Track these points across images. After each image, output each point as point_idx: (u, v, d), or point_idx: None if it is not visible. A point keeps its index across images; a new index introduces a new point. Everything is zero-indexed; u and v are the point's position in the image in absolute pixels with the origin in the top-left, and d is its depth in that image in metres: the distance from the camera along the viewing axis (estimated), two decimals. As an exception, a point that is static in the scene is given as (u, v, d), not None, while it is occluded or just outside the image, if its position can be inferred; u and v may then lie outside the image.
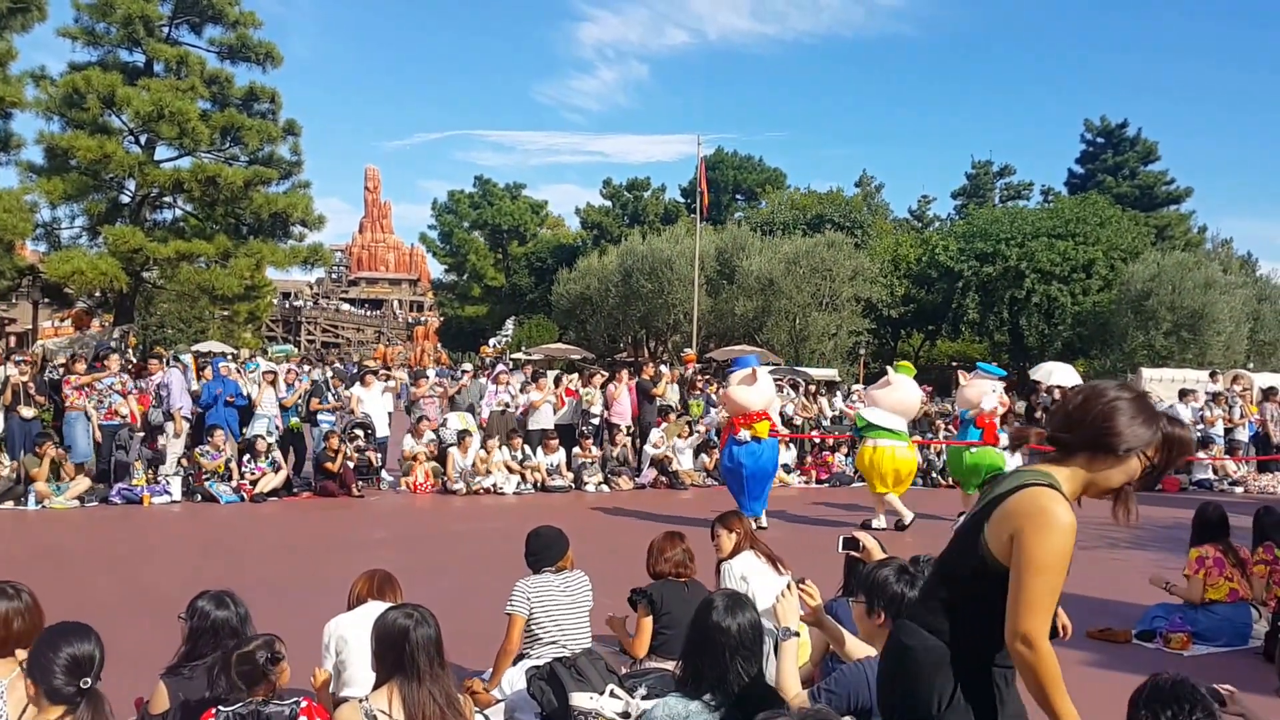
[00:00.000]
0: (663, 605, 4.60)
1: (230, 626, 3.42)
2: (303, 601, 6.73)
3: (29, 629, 3.09)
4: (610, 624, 4.88)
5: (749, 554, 5.00)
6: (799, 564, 5.22)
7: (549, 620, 4.55)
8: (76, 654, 2.76)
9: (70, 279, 22.95)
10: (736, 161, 56.32)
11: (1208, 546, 6.38)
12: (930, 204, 59.26)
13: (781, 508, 12.46)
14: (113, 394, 12.41)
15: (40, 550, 8.77)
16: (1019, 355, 40.25)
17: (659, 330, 39.83)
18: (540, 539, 4.80)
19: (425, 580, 7.23)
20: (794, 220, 42.61)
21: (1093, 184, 50.03)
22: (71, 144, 22.99)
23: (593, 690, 3.91)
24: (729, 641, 3.16)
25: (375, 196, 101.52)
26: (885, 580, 3.42)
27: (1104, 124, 52.48)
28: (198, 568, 8.00)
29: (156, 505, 11.50)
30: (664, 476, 14.56)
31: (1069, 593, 6.41)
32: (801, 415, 17.38)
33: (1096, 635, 6.35)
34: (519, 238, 59.11)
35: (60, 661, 2.74)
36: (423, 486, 13.30)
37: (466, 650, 5.01)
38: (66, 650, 2.76)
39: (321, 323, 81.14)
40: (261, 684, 3.06)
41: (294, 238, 27.54)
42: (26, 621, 3.12)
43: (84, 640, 2.81)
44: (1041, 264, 36.68)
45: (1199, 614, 6.25)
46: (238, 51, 26.67)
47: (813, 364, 32.41)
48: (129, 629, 5.57)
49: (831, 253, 35.31)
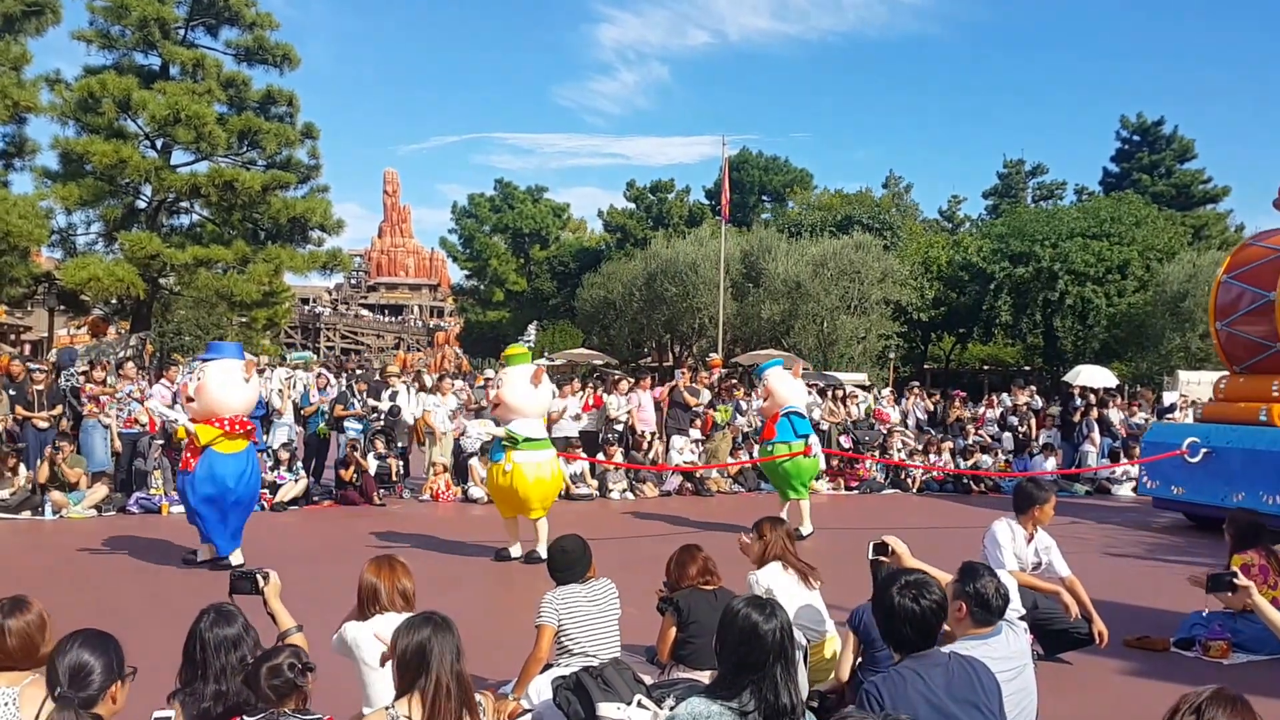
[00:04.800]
0: (690, 614, 4.56)
1: (213, 648, 3.33)
2: (321, 611, 6.42)
3: (27, 648, 3.09)
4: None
5: (777, 566, 5.00)
6: (827, 572, 5.26)
7: (577, 630, 4.48)
8: (72, 664, 2.83)
9: (86, 286, 22.56)
10: (762, 162, 55.47)
11: (1251, 553, 6.23)
12: (961, 204, 58.36)
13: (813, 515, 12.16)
14: (131, 402, 12.36)
15: (56, 560, 8.71)
16: (1053, 358, 39.38)
17: (684, 335, 39.19)
18: (566, 555, 4.70)
19: (445, 589, 7.24)
20: (821, 222, 41.79)
21: (1128, 183, 49.11)
22: (87, 149, 22.61)
23: (620, 700, 3.87)
24: (767, 642, 3.10)
25: (395, 200, 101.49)
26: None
27: (1140, 121, 51.43)
28: (213, 576, 7.79)
29: (175, 514, 11.27)
30: (690, 483, 14.32)
31: (1105, 600, 5.91)
32: (829, 420, 16.88)
33: (1134, 644, 6.27)
34: (541, 241, 58.56)
35: (60, 671, 2.83)
36: (444, 495, 13.18)
37: (487, 660, 4.90)
38: (64, 660, 2.85)
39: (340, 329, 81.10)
40: (293, 695, 3.11)
41: (312, 242, 27.19)
42: (25, 639, 3.10)
43: (84, 651, 2.87)
44: (1076, 265, 35.83)
45: (1240, 622, 6.05)
46: (254, 54, 26.26)
47: (841, 368, 31.60)
48: (145, 639, 5.18)
49: (860, 254, 34.50)
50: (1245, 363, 11.90)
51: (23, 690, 3.00)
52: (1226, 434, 11.31)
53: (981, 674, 3.27)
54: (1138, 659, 6.06)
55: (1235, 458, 10.97)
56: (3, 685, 3.02)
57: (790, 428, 10.49)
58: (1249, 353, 11.79)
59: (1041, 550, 5.77)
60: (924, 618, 3.26)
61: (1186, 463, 11.30)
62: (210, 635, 3.34)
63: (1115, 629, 5.90)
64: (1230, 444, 11.13)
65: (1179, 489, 11.66)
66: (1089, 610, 5.70)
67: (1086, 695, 5.43)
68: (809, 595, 5.03)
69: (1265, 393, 11.29)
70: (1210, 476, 11.14)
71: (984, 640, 3.62)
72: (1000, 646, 3.65)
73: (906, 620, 3.24)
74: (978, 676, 3.24)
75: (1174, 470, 11.56)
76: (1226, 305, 12.01)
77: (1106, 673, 5.76)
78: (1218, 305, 12.17)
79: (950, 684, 3.13)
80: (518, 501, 8.76)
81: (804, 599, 4.97)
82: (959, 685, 3.15)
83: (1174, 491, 11.74)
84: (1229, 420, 11.62)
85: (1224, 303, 12.06)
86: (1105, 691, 5.51)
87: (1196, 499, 11.41)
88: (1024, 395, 18.39)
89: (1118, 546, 10.14)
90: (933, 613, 3.29)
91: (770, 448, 10.55)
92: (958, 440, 16.61)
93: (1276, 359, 11.32)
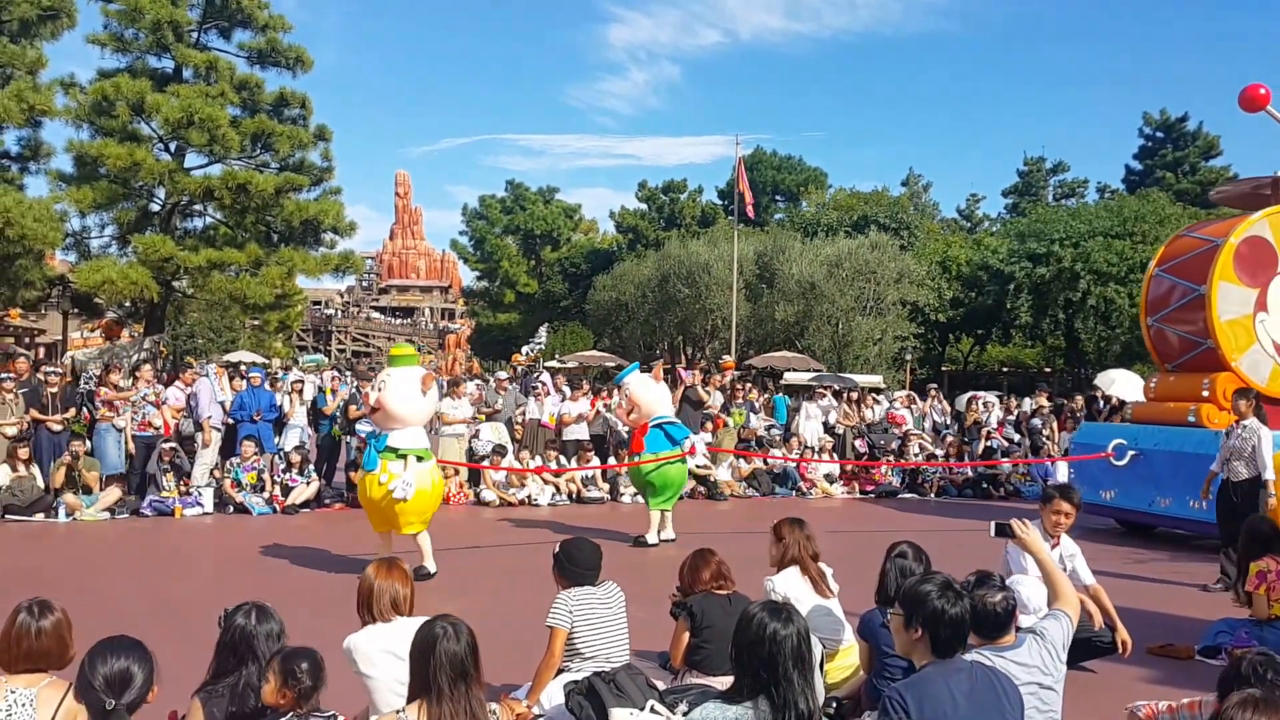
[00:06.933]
0: (704, 619, 4.49)
1: (262, 640, 3.39)
2: (334, 612, 6.58)
3: (60, 646, 3.16)
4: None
5: (794, 571, 4.96)
6: (838, 577, 5.23)
7: (590, 633, 4.43)
8: (110, 672, 2.91)
9: (100, 289, 22.64)
10: (776, 162, 55.21)
11: (1268, 560, 6.09)
12: (980, 203, 58.00)
13: (826, 519, 12.26)
14: (146, 405, 12.39)
15: (70, 562, 8.69)
16: (1074, 360, 38.97)
17: (696, 337, 39.06)
18: (583, 555, 4.60)
19: (456, 593, 7.13)
20: (837, 221, 41.52)
21: (1151, 180, 48.58)
22: (101, 152, 22.70)
23: (632, 706, 3.83)
24: (784, 648, 3.06)
25: (406, 202, 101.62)
26: (927, 595, 3.21)
27: (1164, 118, 50.81)
28: (228, 579, 7.91)
29: (189, 517, 11.52)
30: (702, 487, 14.20)
31: (1129, 608, 5.73)
32: (844, 423, 16.73)
33: (1158, 651, 6.20)
34: (552, 243, 58.55)
35: (98, 679, 2.89)
36: (456, 498, 13.10)
37: (499, 665, 4.79)
38: (103, 668, 2.92)
39: (352, 331, 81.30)
40: (311, 697, 3.14)
41: (325, 245, 27.23)
42: (58, 639, 3.16)
43: (124, 658, 2.96)
44: (1098, 264, 35.33)
45: (1266, 631, 5.95)
46: (267, 56, 26.30)
47: (856, 370, 31.39)
48: (158, 642, 5.15)
49: (876, 255, 34.22)
50: (1176, 360, 11.31)
51: (40, 692, 3.04)
52: (1154, 435, 10.79)
53: (1005, 684, 3.21)
54: (1162, 667, 5.97)
55: (1163, 461, 10.43)
56: (21, 686, 3.06)
57: (664, 437, 9.89)
58: (1180, 350, 11.21)
59: (1066, 558, 5.62)
60: (961, 620, 3.19)
61: (1113, 466, 10.74)
62: (257, 629, 3.40)
63: (1139, 637, 5.76)
64: (1158, 446, 10.60)
65: (1108, 493, 11.09)
66: (1113, 619, 5.56)
67: (1110, 703, 5.31)
68: (827, 602, 4.97)
69: (1195, 392, 10.65)
70: (1138, 480, 10.55)
71: (1002, 652, 3.53)
72: (1023, 658, 3.55)
73: (946, 623, 3.15)
74: (1001, 687, 3.18)
75: (1103, 474, 10.97)
76: (1158, 300, 11.43)
77: (1130, 680, 5.65)
78: (1149, 300, 11.59)
79: (974, 691, 3.07)
80: (390, 516, 7.98)
81: (822, 605, 4.90)
82: (982, 693, 3.09)
83: (1103, 496, 11.13)
84: (1158, 421, 11.05)
85: (1155, 297, 11.48)
86: (1129, 699, 5.38)
87: (1124, 504, 10.91)
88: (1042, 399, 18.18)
89: (1140, 555, 9.93)
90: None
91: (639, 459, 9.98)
92: (975, 444, 16.40)
93: (1208, 356, 10.68)
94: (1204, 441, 9.79)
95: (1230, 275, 10.51)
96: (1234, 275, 10.52)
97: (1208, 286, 10.47)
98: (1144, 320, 11.79)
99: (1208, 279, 10.49)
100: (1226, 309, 10.50)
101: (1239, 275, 10.54)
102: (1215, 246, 10.66)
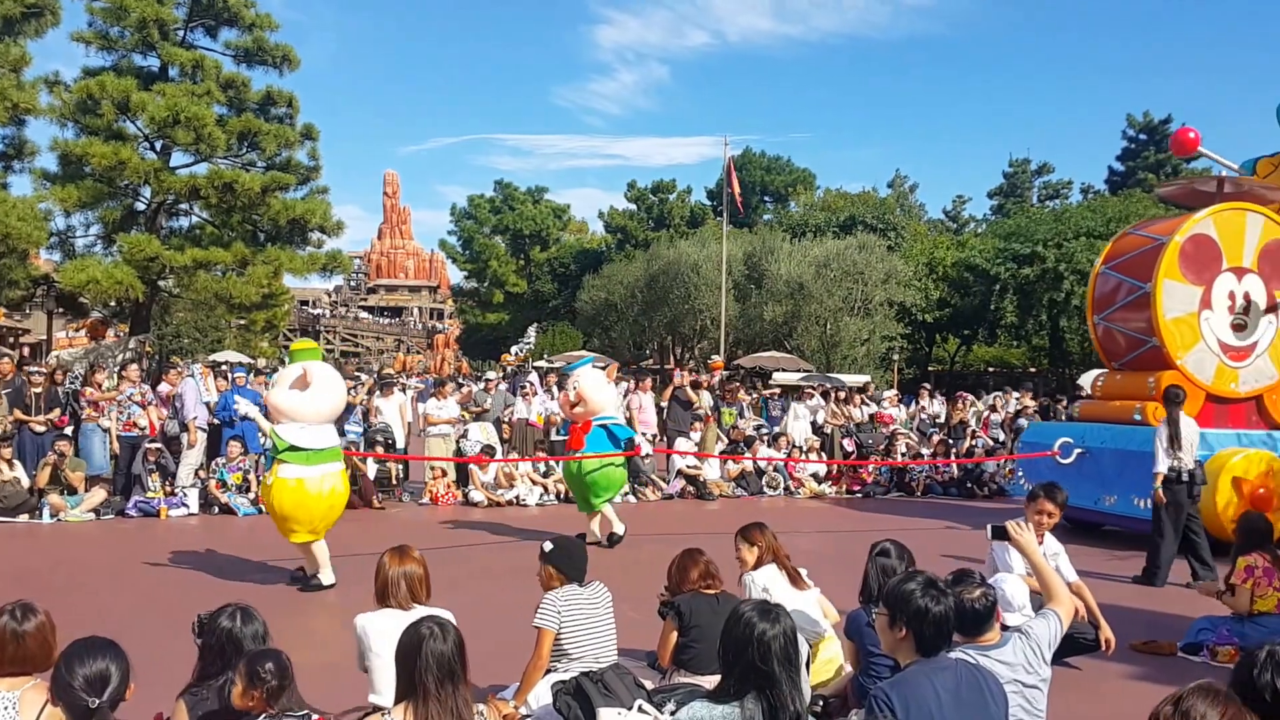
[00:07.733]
0: (691, 618, 4.50)
1: (249, 642, 3.38)
2: (320, 612, 6.53)
3: (44, 649, 3.14)
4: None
5: (772, 567, 5.01)
6: (824, 576, 5.30)
7: (578, 633, 4.43)
8: (90, 673, 2.87)
9: (85, 288, 22.41)
10: (764, 162, 55.23)
11: (1256, 555, 6.15)
12: (965, 204, 58.26)
13: (811, 519, 12.40)
14: (132, 405, 12.34)
15: (54, 563, 8.70)
16: (1059, 360, 39.17)
17: (685, 336, 39.10)
18: (574, 552, 4.64)
19: (443, 593, 7.10)
20: (825, 222, 41.63)
21: (1134, 181, 49.01)
22: (86, 150, 22.45)
23: (620, 706, 3.84)
24: (772, 648, 3.07)
25: (394, 202, 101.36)
26: (911, 593, 3.21)
27: (1146, 120, 51.29)
28: (214, 580, 7.94)
29: (174, 518, 11.48)
30: (692, 487, 14.24)
31: (1112, 605, 5.77)
32: (831, 423, 16.77)
33: (1141, 648, 6.25)
34: (541, 243, 58.43)
35: (77, 680, 2.86)
36: (444, 499, 13.11)
37: (486, 666, 4.80)
38: (82, 669, 2.87)
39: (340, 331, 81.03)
40: (280, 697, 3.12)
41: (312, 244, 27.00)
42: (41, 642, 3.14)
43: (100, 658, 2.92)
44: (1082, 265, 35.48)
45: (1247, 626, 6.00)
46: (254, 55, 26.10)
47: (844, 370, 31.50)
48: (143, 643, 5.15)
49: (864, 255, 34.34)
50: (1123, 358, 11.34)
51: (23, 695, 3.02)
52: (1100, 434, 10.81)
53: (990, 683, 3.22)
54: (1145, 663, 6.02)
55: (1108, 459, 10.46)
56: (3, 690, 3.04)
57: (606, 437, 9.64)
58: (1126, 348, 11.22)
59: (1050, 556, 5.65)
60: (945, 619, 3.20)
61: (1059, 464, 10.73)
62: (243, 631, 3.40)
63: (1122, 633, 5.82)
64: (1104, 444, 10.63)
65: None
66: (1096, 616, 5.61)
67: (1093, 698, 5.38)
68: (803, 596, 5.02)
69: (1141, 390, 10.66)
70: (1084, 478, 10.47)
71: (987, 650, 3.55)
72: (1007, 656, 3.57)
73: (930, 621, 3.16)
74: (987, 685, 3.19)
75: (1049, 472, 10.81)
76: (1104, 297, 11.43)
77: (1113, 676, 5.72)
78: (1095, 297, 11.58)
79: (959, 689, 3.08)
80: (279, 519, 7.49)
81: (798, 599, 4.94)
82: (967, 692, 3.10)
83: None
84: (1105, 419, 11.08)
85: (1101, 294, 11.47)
86: (1112, 695, 5.45)
87: (1071, 502, 10.98)
88: (1027, 398, 18.28)
89: (1124, 553, 10.00)
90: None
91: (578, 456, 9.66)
92: (959, 443, 16.48)
93: (1154, 354, 10.69)
94: (1149, 439, 9.69)
95: (1175, 273, 10.54)
96: (1179, 273, 10.55)
97: (1153, 284, 10.49)
98: (1090, 318, 11.79)
99: (1153, 277, 10.51)
100: (1171, 307, 10.52)
101: (1184, 273, 10.57)
102: (1160, 244, 10.68)
